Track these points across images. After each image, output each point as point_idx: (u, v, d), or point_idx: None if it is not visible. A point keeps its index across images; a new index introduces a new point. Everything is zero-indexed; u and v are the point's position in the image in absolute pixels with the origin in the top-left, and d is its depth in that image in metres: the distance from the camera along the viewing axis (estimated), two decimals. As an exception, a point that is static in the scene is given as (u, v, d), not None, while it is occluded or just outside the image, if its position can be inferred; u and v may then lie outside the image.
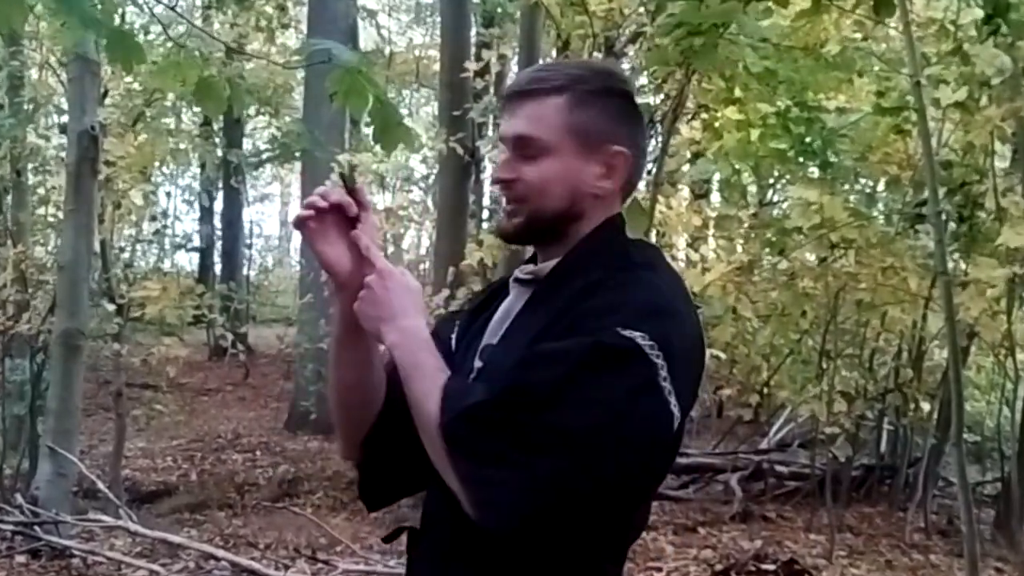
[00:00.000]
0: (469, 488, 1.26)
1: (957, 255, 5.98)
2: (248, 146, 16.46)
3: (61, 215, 7.15)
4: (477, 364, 1.42)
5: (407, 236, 14.72)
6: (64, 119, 8.15)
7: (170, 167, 14.24)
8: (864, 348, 7.50)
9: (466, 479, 1.26)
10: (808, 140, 6.10)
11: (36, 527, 5.46)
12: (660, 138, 5.84)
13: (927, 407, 6.68)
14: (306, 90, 11.67)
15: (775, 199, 10.40)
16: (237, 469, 8.90)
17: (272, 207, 25.27)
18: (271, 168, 18.37)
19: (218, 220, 16.70)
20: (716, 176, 9.60)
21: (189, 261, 17.80)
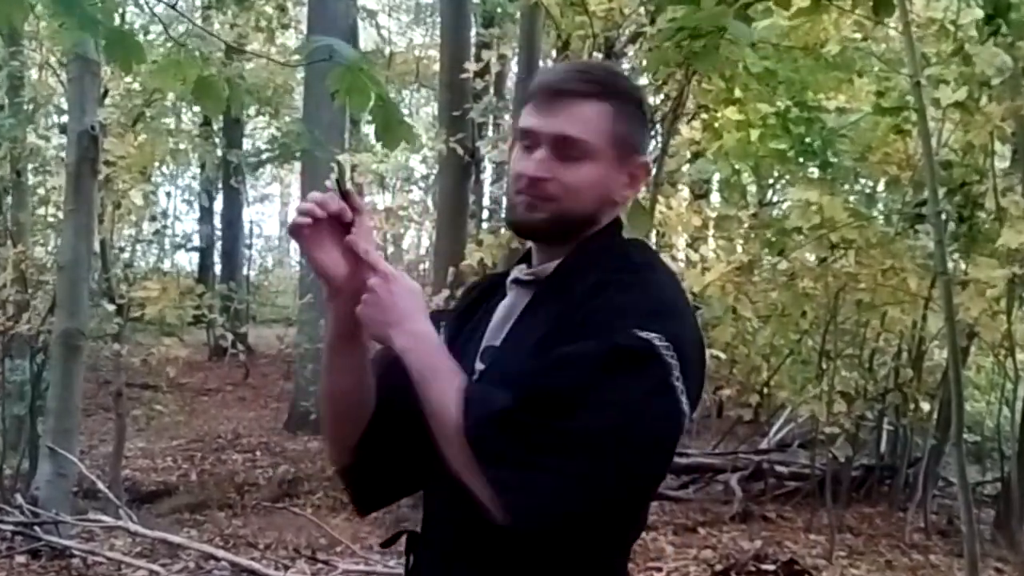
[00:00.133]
0: (499, 493, 1.25)
1: (957, 255, 5.98)
2: (248, 146, 16.45)
3: (61, 215, 7.15)
4: (479, 366, 1.41)
5: (407, 236, 14.74)
6: (64, 119, 8.15)
7: (170, 167, 14.23)
8: (864, 348, 7.50)
9: (495, 484, 1.25)
10: (808, 140, 6.10)
11: (36, 527, 5.45)
12: (660, 138, 5.83)
13: (927, 407, 6.68)
14: (306, 90, 11.67)
15: (775, 199, 10.40)
16: (237, 469, 8.89)
17: (272, 207, 25.29)
18: (271, 168, 18.36)
19: (218, 220, 16.70)
20: (716, 176, 9.60)
21: (189, 261, 17.81)
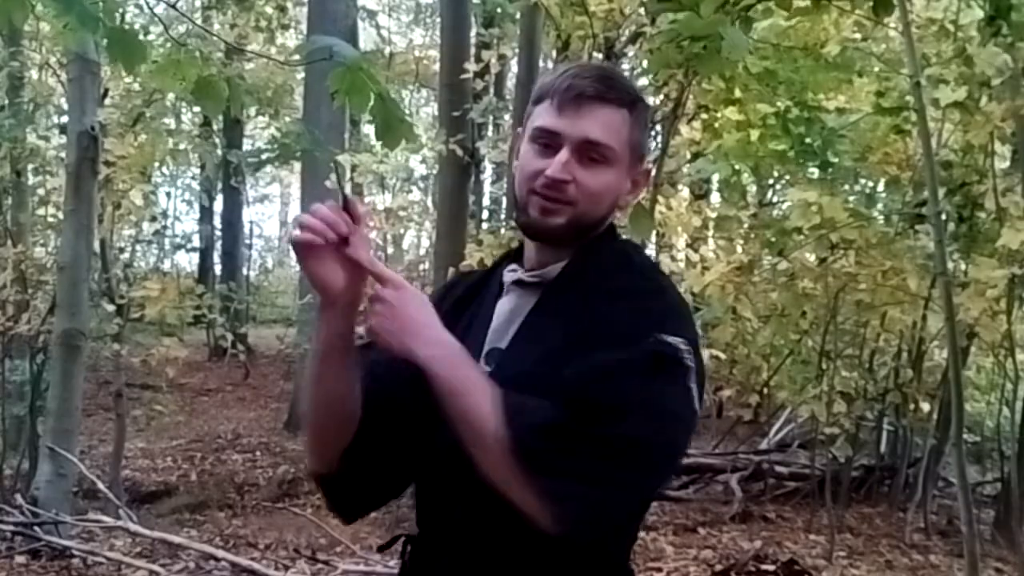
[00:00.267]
0: (553, 503, 1.25)
1: (957, 255, 5.98)
2: (248, 146, 16.45)
3: (61, 215, 7.15)
4: (484, 368, 1.41)
5: (407, 236, 14.72)
6: (64, 119, 8.15)
7: (170, 167, 14.22)
8: (864, 348, 7.50)
9: (549, 495, 1.25)
10: (808, 140, 6.10)
11: (36, 527, 5.45)
12: (660, 139, 5.84)
13: (927, 407, 6.68)
14: (306, 90, 11.67)
15: (775, 199, 10.40)
16: (237, 469, 8.89)
17: (272, 207, 25.32)
18: (271, 168, 18.36)
19: (218, 220, 16.71)
20: (716, 176, 9.60)
21: (189, 261, 17.82)
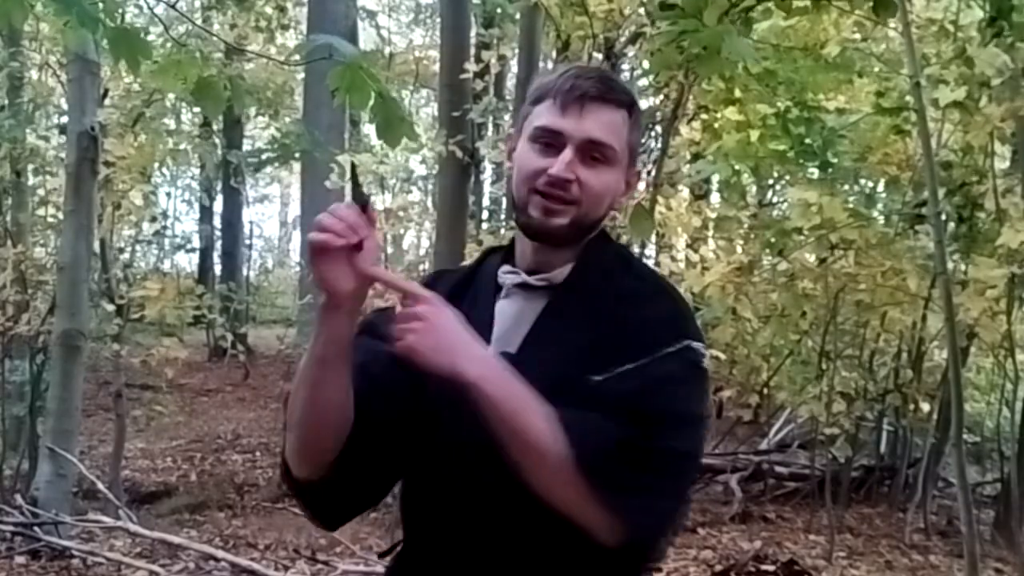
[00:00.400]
0: (624, 518, 1.28)
1: (957, 256, 5.98)
2: (248, 147, 16.44)
3: (61, 216, 7.15)
4: None
5: (407, 237, 14.71)
6: (64, 120, 8.14)
7: (170, 167, 14.22)
8: (864, 349, 7.49)
9: (620, 510, 1.28)
10: (808, 141, 6.10)
11: (36, 528, 5.46)
12: (660, 139, 5.83)
13: (927, 408, 6.68)
14: (306, 91, 11.68)
15: (775, 200, 10.40)
16: (237, 470, 8.89)
17: (272, 208, 25.33)
18: (271, 169, 18.36)
19: (218, 220, 16.70)
20: (716, 177, 9.59)
21: (189, 262, 17.81)
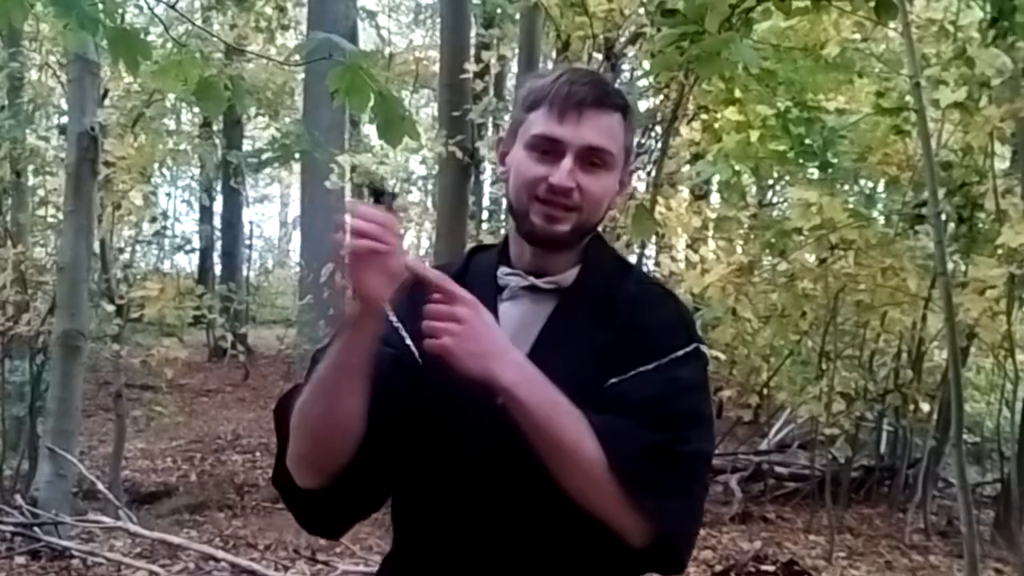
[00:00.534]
0: (658, 521, 1.30)
1: (957, 256, 5.98)
2: (248, 147, 16.44)
3: (61, 216, 7.14)
4: None
5: (407, 237, 14.72)
6: (64, 120, 8.14)
7: (170, 168, 14.22)
8: (864, 349, 7.49)
9: (654, 513, 1.30)
10: (808, 141, 6.10)
11: (36, 528, 5.45)
12: (660, 140, 5.83)
13: (927, 408, 6.68)
14: (306, 91, 11.67)
15: (775, 200, 10.40)
16: (237, 470, 8.88)
17: (272, 208, 25.33)
18: (271, 169, 18.35)
19: (218, 221, 16.70)
20: (716, 177, 9.59)
21: (189, 262, 17.79)
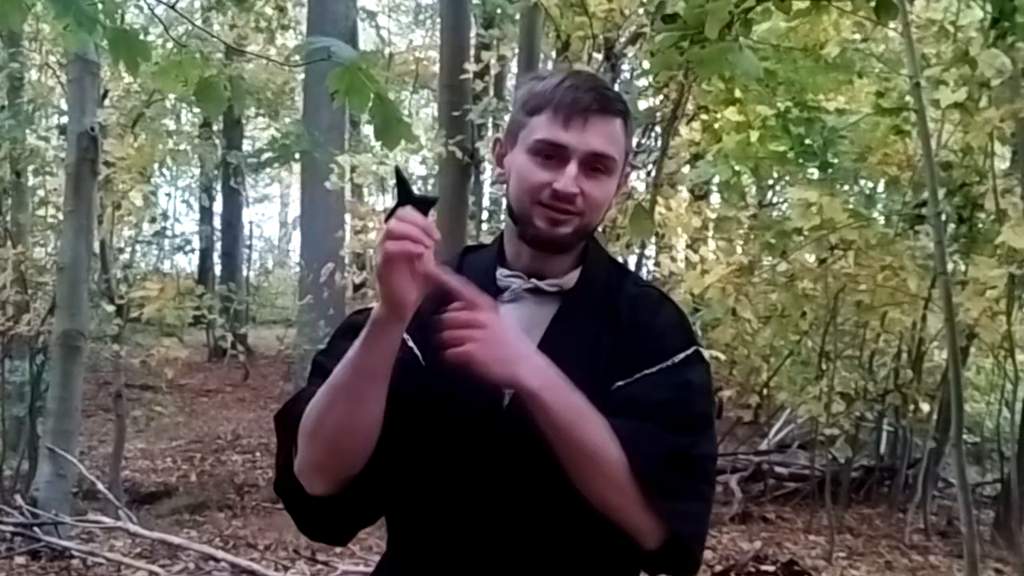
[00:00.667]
0: (667, 523, 1.32)
1: (957, 256, 5.98)
2: (248, 147, 16.44)
3: (61, 216, 7.15)
4: None
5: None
6: (64, 120, 8.14)
7: (170, 168, 14.22)
8: (864, 349, 7.49)
9: (672, 516, 1.32)
10: (808, 141, 6.10)
11: (36, 528, 5.46)
12: (660, 140, 5.83)
13: (927, 408, 6.68)
14: (305, 92, 11.65)
15: (775, 200, 10.39)
16: (237, 470, 8.89)
17: (272, 208, 25.32)
18: (271, 169, 18.35)
19: (218, 221, 16.70)
20: (716, 177, 9.59)
21: (189, 262, 17.79)
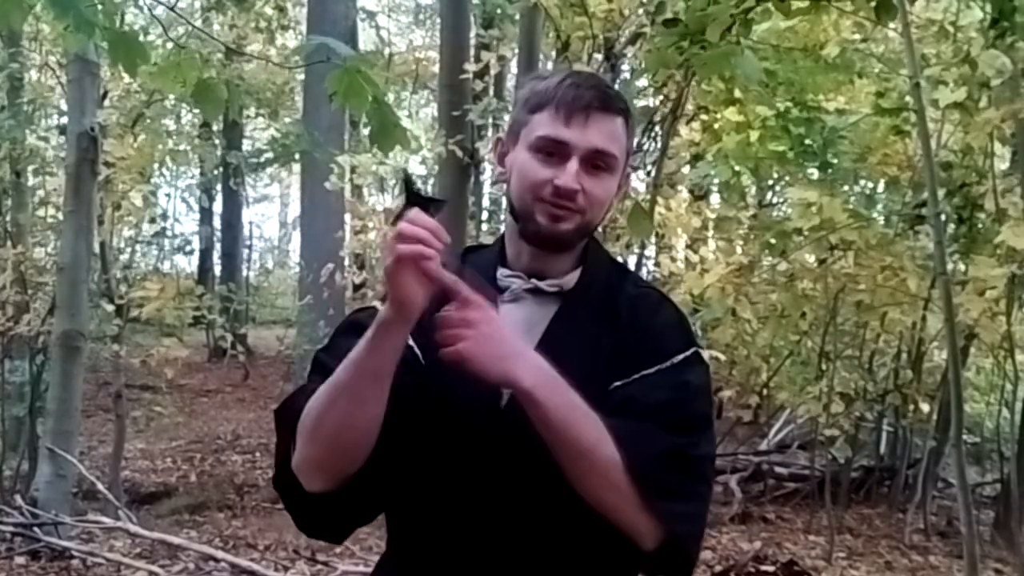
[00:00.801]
0: (664, 523, 1.32)
1: (957, 256, 5.98)
2: (248, 148, 16.44)
3: (61, 216, 7.15)
4: None
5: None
6: (64, 120, 8.14)
7: (170, 168, 14.22)
8: (863, 349, 7.50)
9: (669, 516, 1.32)
10: (808, 141, 6.10)
11: (36, 528, 5.46)
12: (660, 140, 5.83)
13: (926, 408, 6.68)
14: (305, 92, 11.66)
15: (775, 200, 10.40)
16: (237, 470, 8.89)
17: (272, 208, 25.32)
18: (270, 169, 18.35)
19: (218, 221, 16.70)
20: (716, 177, 9.60)
21: (188, 262, 17.78)
